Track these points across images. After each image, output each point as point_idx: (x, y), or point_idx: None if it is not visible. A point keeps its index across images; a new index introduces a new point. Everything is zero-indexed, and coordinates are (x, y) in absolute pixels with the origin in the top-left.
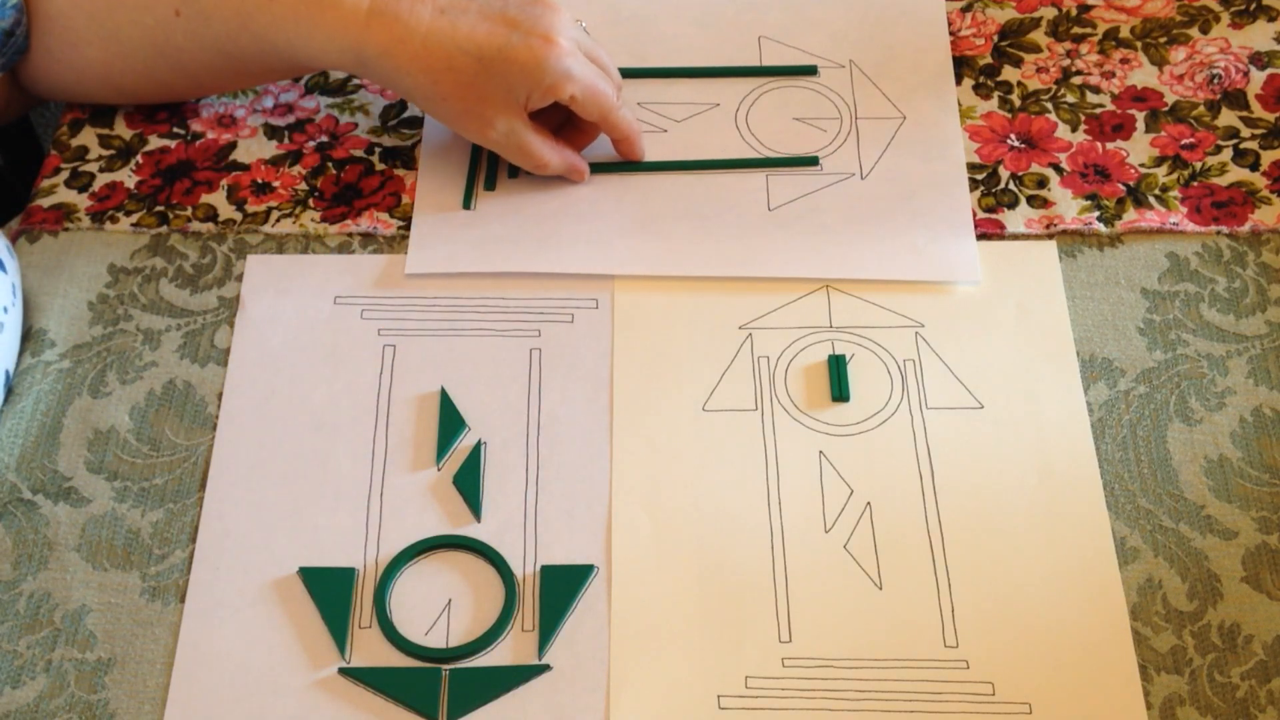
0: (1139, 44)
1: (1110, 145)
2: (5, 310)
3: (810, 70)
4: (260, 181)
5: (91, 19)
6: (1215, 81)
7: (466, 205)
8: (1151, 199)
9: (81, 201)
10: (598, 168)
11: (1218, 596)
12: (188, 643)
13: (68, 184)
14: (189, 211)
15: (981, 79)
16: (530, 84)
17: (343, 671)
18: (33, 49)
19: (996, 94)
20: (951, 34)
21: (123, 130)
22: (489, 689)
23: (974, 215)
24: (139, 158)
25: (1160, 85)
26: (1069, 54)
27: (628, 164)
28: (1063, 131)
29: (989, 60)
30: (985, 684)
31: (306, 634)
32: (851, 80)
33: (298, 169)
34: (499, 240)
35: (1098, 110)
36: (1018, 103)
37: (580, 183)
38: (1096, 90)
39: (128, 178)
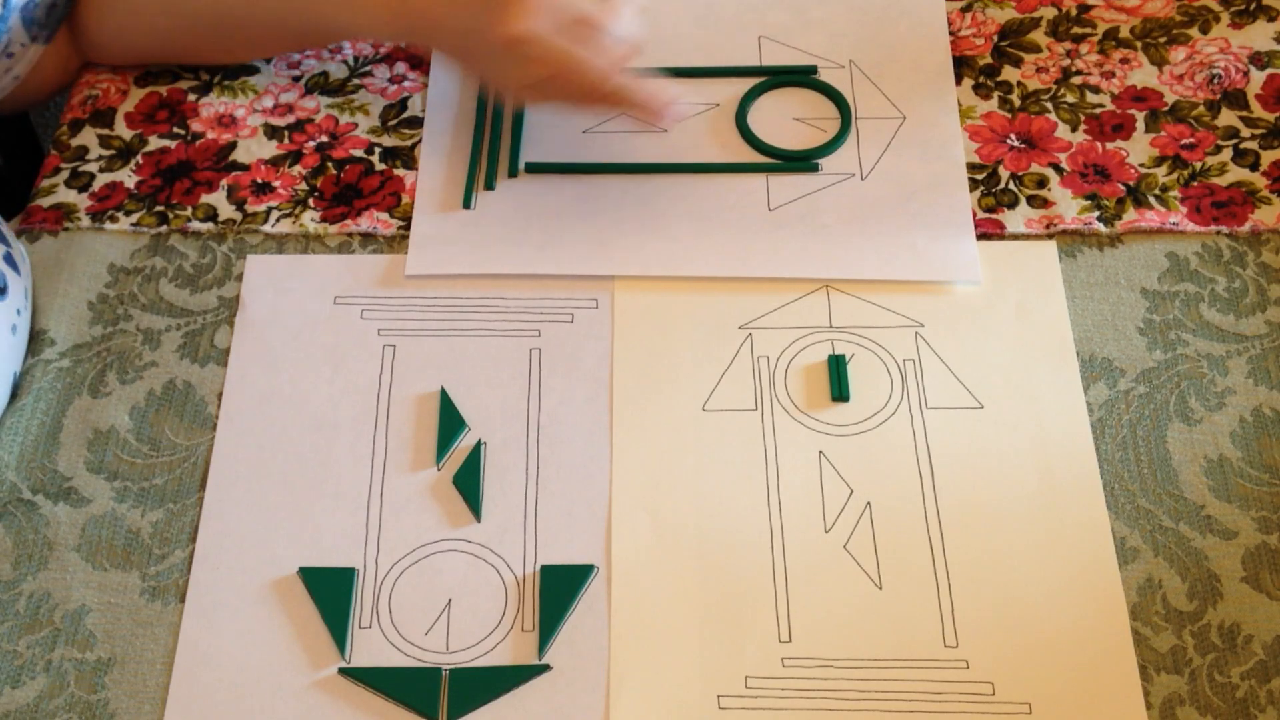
0: (1139, 44)
1: (1110, 145)
2: (19, 312)
3: (810, 70)
4: (260, 181)
5: None
6: (1215, 81)
7: (466, 205)
8: (1151, 199)
9: (81, 201)
10: (598, 168)
11: (1218, 596)
12: (188, 643)
13: (68, 184)
14: (189, 211)
15: (981, 79)
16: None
17: (343, 671)
18: (91, 16)
19: (996, 94)
20: (951, 34)
21: (123, 130)
22: (489, 689)
23: (974, 215)
24: (139, 158)
25: (1160, 85)
26: (1069, 54)
27: (628, 165)
28: (1063, 131)
29: (989, 60)
30: (985, 684)
31: (306, 634)
32: (851, 80)
33: (298, 169)
34: (499, 240)
35: (1098, 110)
36: (1018, 103)
37: (661, 124)
38: (1096, 90)
39: (128, 178)
